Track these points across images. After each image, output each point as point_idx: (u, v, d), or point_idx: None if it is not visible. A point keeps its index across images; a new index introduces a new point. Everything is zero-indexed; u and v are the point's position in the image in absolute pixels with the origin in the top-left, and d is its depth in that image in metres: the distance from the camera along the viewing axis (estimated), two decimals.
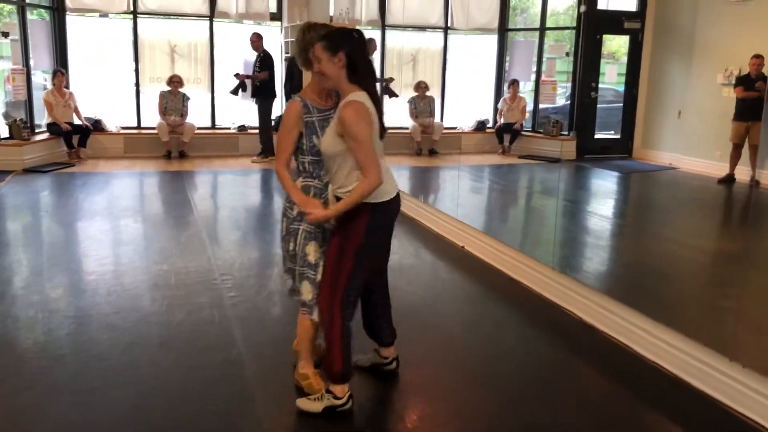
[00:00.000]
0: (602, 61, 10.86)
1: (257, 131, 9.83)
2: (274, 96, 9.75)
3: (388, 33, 10.90)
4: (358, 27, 10.36)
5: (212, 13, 10.03)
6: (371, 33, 10.59)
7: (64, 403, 2.96)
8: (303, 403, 2.91)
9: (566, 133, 10.79)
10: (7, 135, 8.51)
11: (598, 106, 10.95)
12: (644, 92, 10.70)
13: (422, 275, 5.04)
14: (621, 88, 11.00)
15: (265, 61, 9.59)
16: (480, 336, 3.87)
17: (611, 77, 11.12)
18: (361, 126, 2.66)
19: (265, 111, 9.69)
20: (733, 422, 2.93)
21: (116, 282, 4.51)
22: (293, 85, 9.52)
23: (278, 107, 10.32)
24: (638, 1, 10.63)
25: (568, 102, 11.05)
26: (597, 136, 10.96)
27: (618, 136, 11.13)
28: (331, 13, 9.99)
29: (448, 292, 4.65)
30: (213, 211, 7.05)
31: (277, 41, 10.40)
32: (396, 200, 2.88)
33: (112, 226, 6.10)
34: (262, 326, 3.85)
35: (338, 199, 2.79)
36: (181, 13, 10.00)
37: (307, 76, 3.53)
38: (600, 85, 10.84)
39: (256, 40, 9.52)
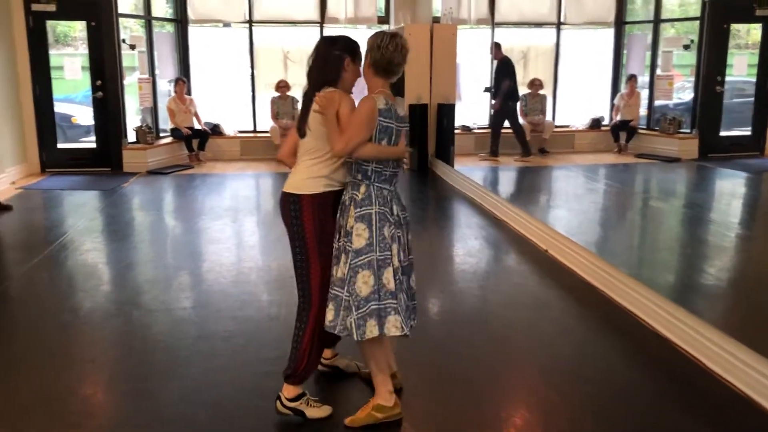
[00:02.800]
0: (729, 52, 10.08)
1: None
2: None
3: (498, 31, 10.71)
4: (466, 27, 10.27)
5: (322, 19, 10.34)
6: (481, 32, 10.48)
7: (118, 392, 3.20)
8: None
9: (688, 130, 10.12)
10: (134, 139, 9.23)
11: (726, 101, 10.19)
12: None
13: (495, 278, 4.95)
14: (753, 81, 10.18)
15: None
16: (531, 345, 3.74)
17: (740, 69, 10.28)
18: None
19: None
20: None
21: (200, 277, 4.80)
22: (396, 87, 9.63)
23: None
24: None
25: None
26: (723, 133, 10.18)
27: (748, 133, 10.29)
28: (437, 14, 10.04)
29: (516, 298, 4.53)
30: None
31: None
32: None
33: (211, 224, 6.46)
34: None
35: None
36: (293, 21, 10.39)
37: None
38: (728, 78, 10.08)
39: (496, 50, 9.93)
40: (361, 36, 3.00)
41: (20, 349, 3.67)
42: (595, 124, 10.83)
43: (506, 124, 10.03)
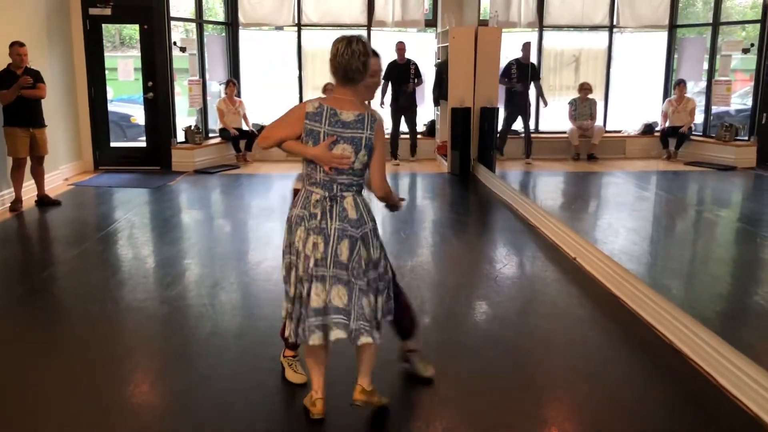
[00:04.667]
0: None
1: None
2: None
3: (547, 34, 10.55)
4: (515, 30, 10.11)
5: (370, 23, 10.40)
6: (529, 36, 10.34)
7: (124, 381, 3.31)
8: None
9: (746, 137, 9.71)
10: (183, 139, 9.49)
11: None
12: None
13: (518, 286, 4.87)
14: None
15: (418, 69, 9.74)
16: (548, 354, 3.67)
17: None
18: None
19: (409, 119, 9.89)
20: None
21: (224, 275, 4.90)
22: (442, 92, 9.59)
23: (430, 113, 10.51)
24: None
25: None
26: None
27: None
28: (485, 16, 9.94)
29: (536, 306, 4.45)
30: None
31: (431, 48, 10.54)
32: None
33: (247, 223, 6.61)
34: None
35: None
36: (341, 24, 10.48)
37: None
38: None
39: (403, 49, 9.69)
40: (409, 39, 3.04)
41: (49, 335, 3.84)
42: (648, 129, 10.52)
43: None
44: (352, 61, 2.69)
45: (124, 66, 9.55)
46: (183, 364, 3.49)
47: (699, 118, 10.24)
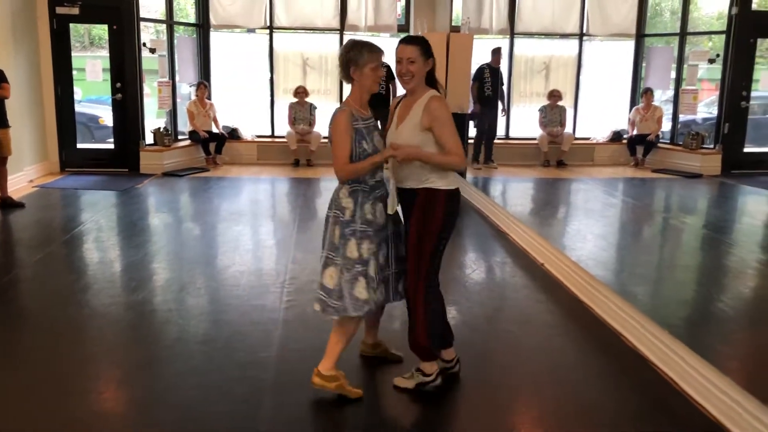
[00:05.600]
0: (757, 67, 9.84)
1: None
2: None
3: (518, 41, 10.64)
4: (486, 36, 10.21)
5: (342, 27, 10.38)
6: (500, 42, 10.41)
7: (86, 390, 3.24)
8: (399, 381, 3.24)
9: (711, 145, 9.89)
10: (152, 141, 9.37)
11: (751, 116, 9.95)
12: None
13: (486, 292, 4.89)
14: None
15: (391, 73, 9.71)
16: (515, 360, 3.68)
17: (767, 85, 10.03)
18: (449, 116, 3.01)
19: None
20: None
21: (191, 280, 4.83)
22: None
23: None
24: None
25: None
26: (747, 149, 9.94)
27: None
28: (457, 23, 9.98)
29: (504, 312, 4.47)
30: (312, 217, 7.25)
31: None
32: (459, 193, 3.15)
33: (215, 227, 6.53)
34: (304, 331, 3.93)
35: (406, 191, 3.09)
36: (313, 27, 10.46)
37: None
38: (754, 93, 9.84)
39: None
40: (382, 44, 3.17)
41: (9, 341, 3.75)
42: (616, 137, 10.66)
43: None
44: (338, 61, 3.08)
45: (92, 66, 9.41)
46: (147, 371, 3.43)
47: (666, 126, 10.42)
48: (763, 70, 10.05)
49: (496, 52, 9.93)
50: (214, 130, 9.95)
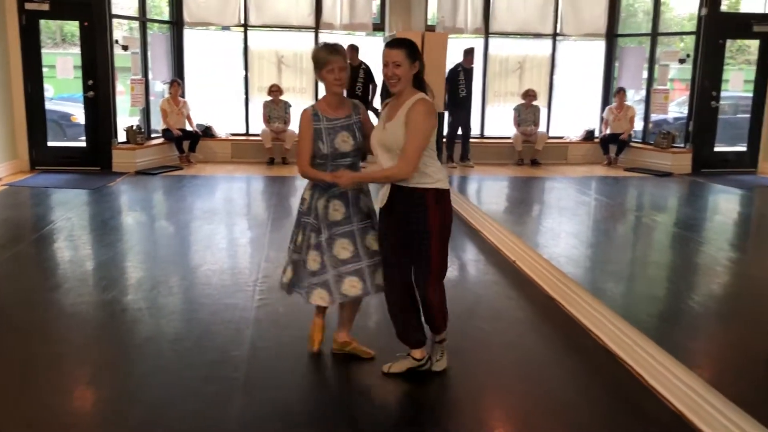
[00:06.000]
0: (727, 67, 10.01)
1: None
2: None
3: (493, 40, 10.69)
4: (462, 36, 10.25)
5: (317, 25, 10.36)
6: (475, 42, 10.45)
7: (55, 391, 3.20)
8: (389, 367, 3.33)
9: (682, 145, 10.03)
10: (124, 139, 9.27)
11: (721, 116, 10.11)
12: None
13: (458, 289, 4.91)
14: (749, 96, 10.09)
15: (370, 73, 9.68)
16: (487, 356, 3.71)
17: (736, 85, 10.20)
18: (427, 122, 2.98)
19: None
20: None
21: (164, 279, 4.79)
22: (389, 95, 9.59)
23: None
24: None
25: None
26: (717, 148, 10.10)
27: (744, 149, 10.20)
28: (432, 22, 10.01)
29: (476, 309, 4.49)
30: (286, 215, 7.23)
31: (379, 51, 10.54)
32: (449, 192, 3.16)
33: (187, 226, 6.49)
34: (275, 330, 3.92)
35: (405, 190, 3.07)
36: (287, 25, 10.42)
37: None
38: (723, 93, 10.00)
39: (352, 52, 9.66)
40: (358, 43, 3.17)
41: None
42: (589, 136, 10.77)
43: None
44: None
45: (63, 63, 9.27)
46: (117, 370, 3.40)
47: (638, 125, 10.54)
48: (733, 71, 10.22)
49: (469, 53, 9.96)
50: (188, 128, 9.88)
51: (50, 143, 9.22)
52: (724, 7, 9.85)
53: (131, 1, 9.70)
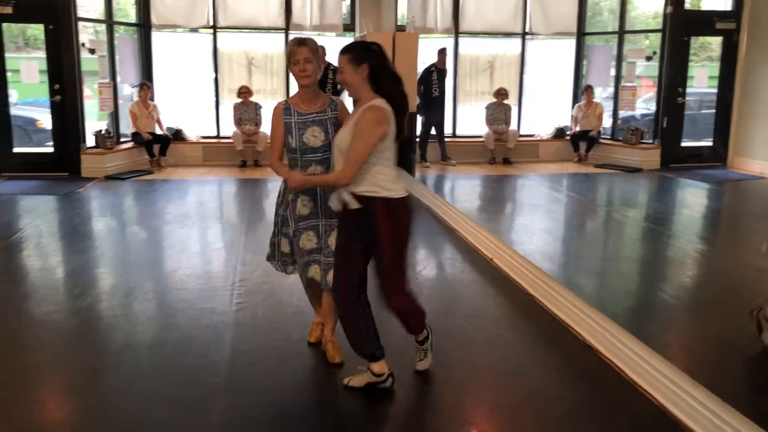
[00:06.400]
0: (691, 64, 10.19)
1: None
2: None
3: (463, 40, 10.75)
4: (432, 36, 10.31)
5: (287, 26, 10.30)
6: (445, 42, 10.50)
7: (31, 400, 3.13)
8: (349, 381, 3.22)
9: (650, 140, 10.19)
10: (93, 144, 9.13)
11: (687, 112, 10.29)
12: (738, 97, 9.94)
13: (437, 288, 4.93)
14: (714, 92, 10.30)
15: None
16: (467, 355, 3.72)
17: (701, 81, 10.39)
18: (373, 132, 2.90)
19: None
20: None
21: (137, 284, 4.73)
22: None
23: None
24: (733, 1, 9.91)
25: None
26: (684, 144, 10.28)
27: (710, 144, 10.40)
28: (402, 22, 10.02)
29: (455, 307, 4.51)
30: (260, 218, 7.18)
31: None
32: (406, 201, 3.09)
33: (159, 230, 6.41)
34: (255, 333, 3.89)
35: (356, 197, 2.99)
36: (257, 27, 10.35)
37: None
38: (689, 90, 10.18)
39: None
40: (329, 43, 3.14)
41: None
42: (560, 133, 10.88)
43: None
44: None
45: (27, 67, 9.09)
46: (93, 379, 3.33)
47: (607, 122, 10.68)
48: (697, 67, 10.41)
49: (442, 53, 10.00)
50: (158, 131, 9.76)
51: (16, 149, 9.03)
52: (687, 5, 10.02)
53: (96, 3, 9.56)
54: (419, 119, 9.60)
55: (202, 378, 3.31)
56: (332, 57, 9.60)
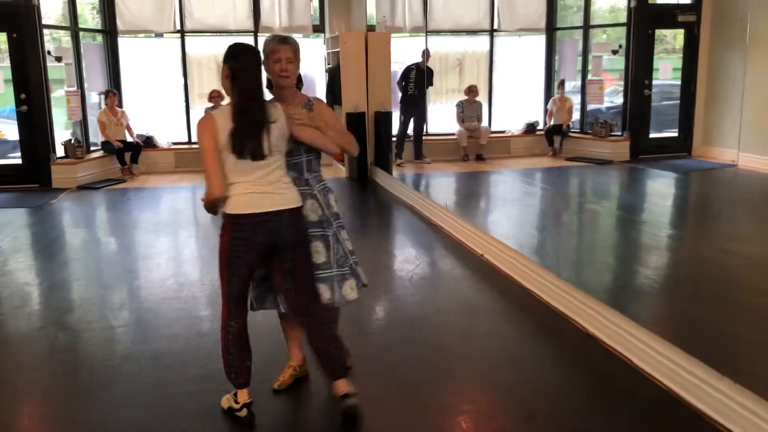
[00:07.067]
0: (656, 57, 10.41)
1: None
2: None
3: (433, 38, 10.79)
4: (402, 35, 10.24)
5: (256, 28, 10.23)
6: (418, 40, 10.53)
7: (36, 417, 3.06)
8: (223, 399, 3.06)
9: (619, 133, 10.38)
10: (63, 154, 8.93)
11: (654, 104, 10.51)
12: (703, 87, 10.19)
13: (432, 285, 4.95)
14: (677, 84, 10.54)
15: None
16: (468, 350, 3.75)
17: (666, 74, 10.63)
18: (200, 139, 2.78)
19: None
20: None
21: (129, 295, 4.66)
22: (335, 97, 9.59)
23: None
24: None
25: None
26: (652, 135, 10.50)
27: (676, 135, 10.64)
28: (371, 22, 10.04)
29: (451, 304, 4.53)
30: None
31: (320, 53, 10.53)
32: (260, 219, 2.79)
33: (141, 239, 6.30)
34: (256, 338, 3.77)
35: None
36: (226, 30, 10.25)
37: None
38: (655, 82, 10.39)
39: None
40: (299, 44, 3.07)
41: None
42: (530, 128, 11.01)
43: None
44: None
45: None
46: (95, 394, 3.26)
47: (576, 115, 10.85)
48: (662, 60, 10.63)
49: (424, 52, 10.10)
50: (129, 139, 9.59)
51: None
52: None
53: (58, 10, 9.35)
54: (396, 117, 9.63)
55: (206, 387, 3.25)
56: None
